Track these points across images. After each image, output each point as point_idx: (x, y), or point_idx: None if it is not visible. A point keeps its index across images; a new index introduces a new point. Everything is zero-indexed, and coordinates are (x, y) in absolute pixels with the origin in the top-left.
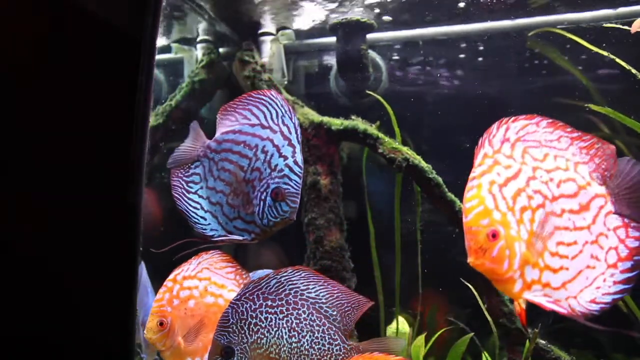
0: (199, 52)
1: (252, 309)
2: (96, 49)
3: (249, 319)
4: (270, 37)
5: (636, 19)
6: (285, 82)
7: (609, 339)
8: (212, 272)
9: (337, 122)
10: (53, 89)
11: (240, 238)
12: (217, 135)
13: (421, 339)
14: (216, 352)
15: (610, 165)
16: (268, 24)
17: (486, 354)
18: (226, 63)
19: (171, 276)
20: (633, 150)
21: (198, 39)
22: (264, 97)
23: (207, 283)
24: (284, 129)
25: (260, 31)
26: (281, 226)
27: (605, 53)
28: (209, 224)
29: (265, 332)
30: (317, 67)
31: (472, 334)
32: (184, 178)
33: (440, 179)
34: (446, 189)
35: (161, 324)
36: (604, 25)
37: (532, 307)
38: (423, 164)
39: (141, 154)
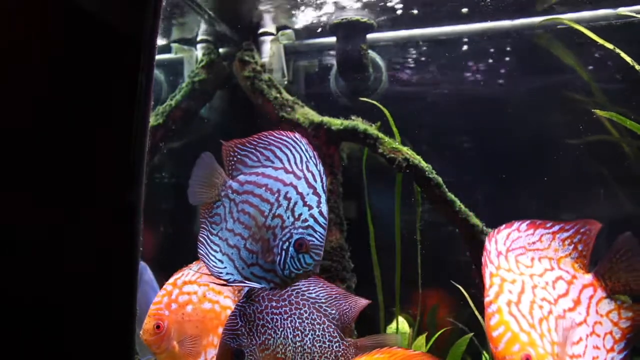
0: (199, 52)
1: (259, 310)
2: (96, 48)
3: (257, 321)
4: (270, 37)
5: (636, 18)
6: (285, 82)
7: None
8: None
9: (337, 122)
10: (53, 89)
11: (259, 286)
12: (240, 175)
13: (422, 339)
14: (226, 356)
15: (591, 246)
16: (268, 24)
17: (486, 354)
18: (226, 63)
19: (171, 280)
20: (636, 152)
21: (198, 39)
22: (287, 139)
23: (205, 289)
24: (309, 176)
25: (260, 31)
26: (302, 278)
27: (610, 46)
28: (225, 267)
29: (272, 332)
30: (317, 67)
31: (472, 334)
32: (209, 219)
33: (440, 179)
34: (446, 189)
35: (158, 327)
36: (620, 12)
37: None
38: (423, 164)
39: (141, 154)
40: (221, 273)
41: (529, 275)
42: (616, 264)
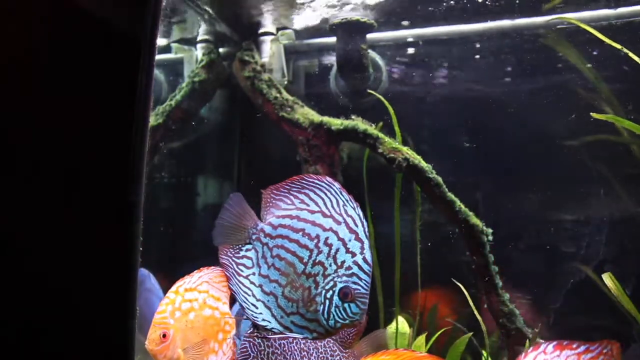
0: (199, 52)
1: (267, 338)
2: (96, 48)
3: (266, 349)
4: (270, 37)
5: (636, 19)
6: (285, 82)
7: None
8: (210, 286)
9: (337, 122)
10: (53, 89)
11: (301, 336)
12: (272, 218)
13: (422, 339)
14: None
15: None
16: (268, 24)
17: (485, 354)
18: (226, 63)
19: (173, 288)
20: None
21: (198, 39)
22: (320, 182)
23: (205, 296)
24: (349, 221)
25: (260, 31)
26: (348, 328)
27: (618, 46)
28: (261, 313)
29: (281, 358)
30: (317, 67)
31: (471, 334)
32: (234, 259)
33: (440, 179)
34: (446, 189)
35: (164, 335)
36: None
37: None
38: (423, 163)
39: (141, 154)
40: (256, 317)
41: None
42: None
